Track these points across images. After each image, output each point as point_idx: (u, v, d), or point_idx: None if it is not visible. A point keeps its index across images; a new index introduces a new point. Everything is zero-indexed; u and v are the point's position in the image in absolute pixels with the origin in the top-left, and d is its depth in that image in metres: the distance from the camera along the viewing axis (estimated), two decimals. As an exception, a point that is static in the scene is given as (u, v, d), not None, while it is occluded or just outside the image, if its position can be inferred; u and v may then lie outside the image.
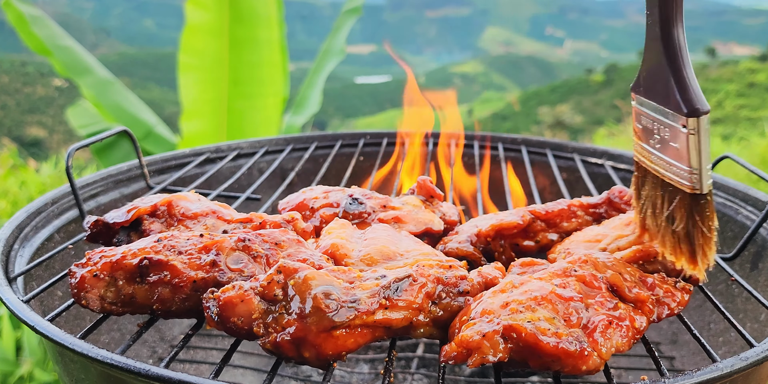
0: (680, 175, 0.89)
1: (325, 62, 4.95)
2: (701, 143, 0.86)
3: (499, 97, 57.52)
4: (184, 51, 4.23)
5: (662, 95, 0.88)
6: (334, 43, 4.97)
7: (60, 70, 4.24)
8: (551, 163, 1.85)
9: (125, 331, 1.57)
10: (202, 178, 1.64)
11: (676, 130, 0.87)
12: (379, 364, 1.74)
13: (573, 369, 0.77)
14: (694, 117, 0.84)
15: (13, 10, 4.04)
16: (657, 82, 0.89)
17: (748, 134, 8.60)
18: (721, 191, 1.56)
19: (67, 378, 1.01)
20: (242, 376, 1.69)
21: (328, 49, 4.98)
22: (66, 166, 1.28)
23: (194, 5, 4.16)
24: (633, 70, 38.50)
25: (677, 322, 1.68)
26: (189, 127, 4.31)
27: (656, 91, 0.90)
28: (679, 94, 0.85)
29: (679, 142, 0.87)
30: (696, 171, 0.87)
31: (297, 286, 0.80)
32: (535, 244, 1.21)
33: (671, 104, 0.87)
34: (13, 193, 3.98)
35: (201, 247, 0.92)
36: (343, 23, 5.00)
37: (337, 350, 0.80)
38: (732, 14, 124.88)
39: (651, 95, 0.91)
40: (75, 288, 0.90)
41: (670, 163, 0.90)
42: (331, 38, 5.01)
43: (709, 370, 0.79)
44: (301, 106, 4.90)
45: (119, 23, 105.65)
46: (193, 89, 4.29)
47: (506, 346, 0.78)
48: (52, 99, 29.44)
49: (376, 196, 1.27)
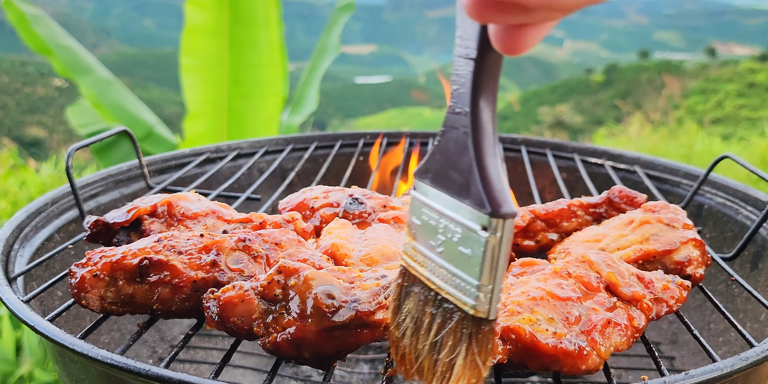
0: (464, 290, 0.66)
1: (320, 60, 4.95)
2: (501, 254, 0.64)
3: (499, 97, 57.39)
4: (184, 52, 4.24)
5: (459, 186, 0.66)
6: (328, 40, 4.97)
7: (60, 69, 4.24)
8: (551, 163, 1.85)
9: (125, 331, 1.57)
10: (202, 178, 1.64)
11: (470, 232, 0.64)
12: (379, 364, 1.74)
13: (572, 369, 0.77)
14: (498, 218, 0.62)
15: (13, 9, 4.04)
16: (455, 170, 0.67)
17: (748, 134, 8.61)
18: (721, 191, 1.56)
19: (67, 378, 1.01)
20: (242, 376, 1.69)
21: (323, 46, 4.98)
22: (66, 166, 1.28)
23: (194, 6, 4.16)
24: (633, 70, 38.52)
25: (677, 322, 1.68)
26: (191, 129, 4.32)
27: (451, 180, 0.67)
28: (483, 187, 0.63)
29: (471, 248, 0.65)
30: (487, 288, 0.64)
31: (297, 286, 0.80)
32: (535, 243, 1.21)
33: (471, 198, 0.64)
34: (13, 193, 3.98)
35: (201, 247, 0.92)
36: (336, 20, 5.00)
37: (337, 350, 0.80)
38: (732, 14, 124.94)
39: (443, 185, 0.68)
40: (75, 288, 0.90)
41: (453, 273, 0.67)
42: (326, 36, 5.01)
43: (709, 370, 0.80)
44: (299, 105, 4.90)
45: (119, 23, 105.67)
46: (195, 90, 4.29)
47: (505, 347, 0.78)
48: (52, 99, 29.44)
49: (376, 196, 1.27)
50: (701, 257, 1.07)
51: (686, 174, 1.68)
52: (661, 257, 1.05)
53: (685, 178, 1.68)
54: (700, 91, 29.06)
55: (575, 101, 36.08)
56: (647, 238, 1.09)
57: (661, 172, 1.74)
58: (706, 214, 1.57)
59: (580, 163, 1.84)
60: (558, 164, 1.89)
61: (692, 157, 5.79)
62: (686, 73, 33.21)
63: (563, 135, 19.35)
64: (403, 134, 2.03)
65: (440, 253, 0.69)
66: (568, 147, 1.95)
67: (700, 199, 1.59)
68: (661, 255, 1.05)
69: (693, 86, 29.73)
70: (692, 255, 1.06)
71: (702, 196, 1.59)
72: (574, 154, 1.91)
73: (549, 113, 28.33)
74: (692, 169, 1.68)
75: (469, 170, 0.65)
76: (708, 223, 1.56)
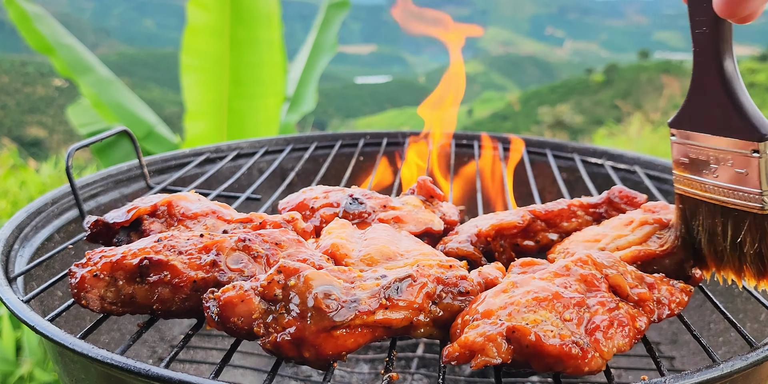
0: (749, 198, 0.90)
1: (316, 59, 4.94)
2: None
3: (499, 97, 57.52)
4: (186, 52, 4.23)
5: (721, 126, 0.90)
6: (323, 38, 4.96)
7: (60, 69, 4.24)
8: (551, 163, 1.85)
9: (125, 331, 1.57)
10: (202, 178, 1.64)
11: (742, 156, 0.89)
12: (379, 364, 1.74)
13: (575, 370, 0.77)
14: (764, 141, 0.87)
15: (15, 7, 4.04)
16: (712, 114, 0.91)
17: (748, 134, 8.59)
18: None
19: (67, 378, 1.01)
20: (242, 376, 1.69)
21: (319, 44, 4.97)
22: (66, 166, 1.28)
23: (196, 6, 4.16)
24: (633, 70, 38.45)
25: (677, 322, 1.68)
26: (192, 128, 4.32)
27: (712, 122, 0.91)
28: (744, 121, 0.88)
29: (747, 168, 0.89)
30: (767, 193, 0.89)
31: (297, 286, 0.80)
32: (535, 244, 1.21)
33: (736, 132, 0.89)
34: (13, 193, 3.98)
35: (201, 247, 0.92)
36: (331, 18, 4.98)
37: (337, 350, 0.79)
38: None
39: (705, 128, 0.93)
40: (75, 288, 0.90)
41: (733, 189, 0.91)
42: (320, 33, 4.99)
43: (709, 370, 0.80)
44: (296, 104, 4.89)
45: (119, 23, 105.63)
46: (195, 90, 4.29)
47: (509, 347, 0.78)
48: (52, 99, 29.43)
49: (376, 196, 1.27)
50: (701, 257, 1.07)
51: (686, 174, 1.68)
52: (661, 258, 1.05)
53: (685, 178, 1.68)
54: (700, 91, 28.98)
55: (575, 101, 36.07)
56: (647, 239, 1.08)
57: (661, 172, 1.73)
58: (706, 214, 1.57)
59: (580, 163, 1.84)
60: (558, 164, 1.89)
61: (692, 157, 5.78)
62: (686, 73, 33.18)
63: (563, 135, 19.35)
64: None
65: (716, 177, 0.93)
66: (568, 147, 1.95)
67: (700, 199, 1.59)
68: (660, 255, 1.05)
69: (693, 86, 29.65)
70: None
71: (702, 196, 1.59)
72: (574, 154, 1.91)
73: (549, 113, 28.31)
74: (692, 169, 1.68)
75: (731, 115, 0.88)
76: (708, 223, 1.56)
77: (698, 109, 0.93)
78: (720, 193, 0.93)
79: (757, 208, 0.89)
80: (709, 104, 0.91)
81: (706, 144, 0.93)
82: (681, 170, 0.99)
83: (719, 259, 0.97)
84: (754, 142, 0.87)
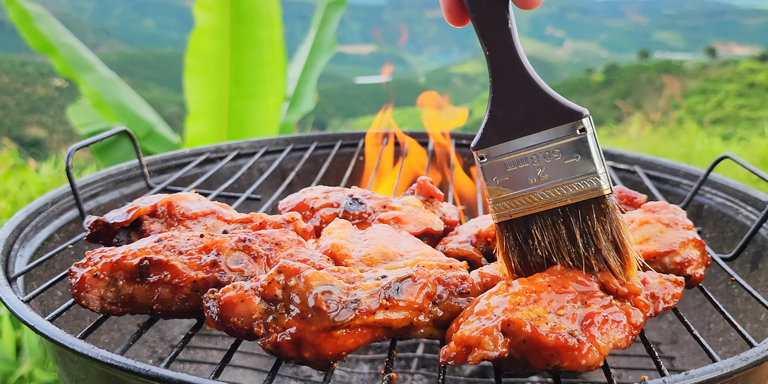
0: (590, 183, 0.85)
1: (315, 58, 4.93)
2: (597, 142, 0.85)
3: (499, 97, 57.18)
4: (191, 54, 4.23)
5: (537, 121, 0.86)
6: (322, 37, 4.95)
7: (61, 68, 4.24)
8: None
9: (125, 331, 1.57)
10: (202, 178, 1.64)
11: (570, 141, 0.85)
12: (379, 364, 1.74)
13: (572, 363, 0.77)
14: (586, 117, 0.84)
15: (16, 6, 4.04)
16: (523, 115, 0.87)
17: (748, 134, 8.61)
18: (721, 191, 1.56)
19: (67, 378, 1.01)
20: (242, 376, 1.69)
21: (317, 44, 4.97)
22: (66, 166, 1.28)
23: (201, 7, 4.16)
24: (633, 70, 38.46)
25: (677, 322, 1.68)
26: (193, 129, 4.32)
27: (525, 123, 0.87)
28: (559, 107, 0.85)
29: (578, 151, 0.85)
30: (602, 170, 0.85)
31: (297, 286, 0.80)
32: (535, 244, 1.21)
33: (555, 121, 0.85)
34: (13, 193, 3.98)
35: (201, 248, 0.92)
36: (329, 16, 4.98)
37: (337, 350, 0.80)
38: (732, 14, 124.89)
39: (519, 132, 0.87)
40: (75, 288, 0.90)
41: (569, 181, 0.86)
42: (319, 32, 4.99)
43: (709, 370, 0.80)
44: (296, 104, 4.89)
45: (119, 23, 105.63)
46: (197, 91, 4.29)
47: (505, 340, 0.78)
48: (52, 99, 29.42)
49: (376, 197, 1.27)
50: (701, 257, 1.08)
51: (686, 174, 1.68)
52: (661, 258, 1.06)
53: (685, 178, 1.68)
54: (700, 91, 29.05)
55: (575, 101, 35.94)
56: (647, 239, 1.09)
57: (661, 172, 1.74)
58: (706, 214, 1.57)
59: (580, 163, 1.83)
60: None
61: (692, 157, 5.79)
62: (686, 73, 33.19)
63: (563, 135, 19.31)
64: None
65: (546, 178, 0.87)
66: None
67: (700, 199, 1.59)
68: (661, 255, 1.06)
69: (693, 86, 29.72)
70: (692, 255, 1.06)
71: (702, 196, 1.59)
72: (574, 154, 1.90)
73: (549, 113, 28.25)
74: (692, 169, 1.68)
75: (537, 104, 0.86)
76: (708, 223, 1.56)
77: (505, 117, 0.87)
78: (555, 193, 0.87)
79: (598, 191, 0.85)
80: (517, 107, 0.87)
81: (525, 146, 0.87)
82: (499, 193, 0.90)
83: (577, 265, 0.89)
84: (578, 121, 0.84)
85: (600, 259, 0.88)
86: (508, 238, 0.92)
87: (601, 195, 0.85)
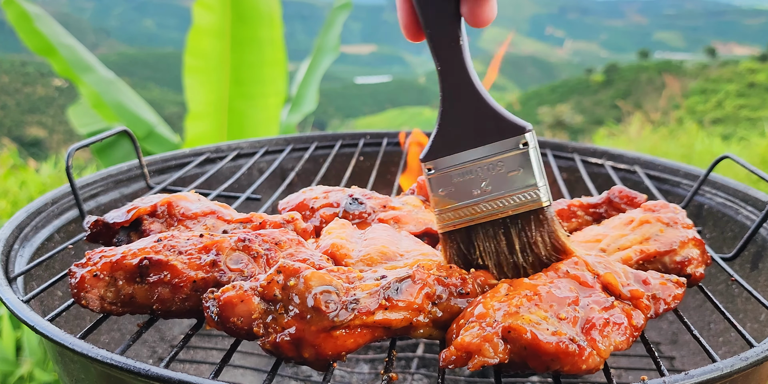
0: (530, 195, 0.89)
1: (319, 60, 4.94)
2: (539, 156, 0.89)
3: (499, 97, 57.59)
4: (190, 53, 4.23)
5: (483, 135, 0.90)
6: (327, 40, 4.96)
7: (60, 69, 4.24)
8: (551, 163, 1.85)
9: (125, 331, 1.57)
10: (202, 178, 1.64)
11: (513, 154, 0.89)
12: (379, 364, 1.74)
13: (572, 368, 0.77)
14: (529, 132, 0.88)
15: (15, 7, 4.03)
16: (470, 129, 0.90)
17: (748, 134, 8.61)
18: (721, 191, 1.56)
19: (67, 378, 1.01)
20: (242, 376, 1.69)
21: (321, 46, 4.97)
22: (66, 166, 1.28)
23: (201, 7, 4.15)
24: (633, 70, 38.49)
25: (677, 322, 1.68)
26: (193, 129, 4.31)
27: (472, 136, 0.90)
28: (504, 122, 0.89)
29: (520, 164, 0.89)
30: (543, 183, 0.89)
31: (297, 286, 0.80)
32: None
33: (500, 134, 0.89)
34: (13, 193, 3.98)
35: (201, 247, 0.92)
36: (334, 19, 4.99)
37: (337, 350, 0.80)
38: (732, 14, 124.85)
39: (466, 145, 0.91)
40: (75, 288, 0.90)
41: (511, 193, 0.90)
42: (324, 35, 5.00)
43: (709, 370, 0.79)
44: (298, 105, 4.89)
45: (119, 23, 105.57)
46: (198, 91, 4.29)
47: (506, 347, 0.78)
48: (52, 99, 29.43)
49: (376, 196, 1.27)
50: (701, 256, 1.07)
51: (686, 174, 1.68)
52: (662, 257, 1.05)
53: (685, 178, 1.68)
54: (700, 91, 29.05)
55: (575, 101, 36.07)
56: (647, 238, 1.09)
57: (661, 172, 1.74)
58: (706, 214, 1.57)
59: (580, 163, 1.84)
60: (558, 164, 1.89)
61: (692, 157, 5.79)
62: (686, 73, 33.20)
63: (563, 135, 19.34)
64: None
65: (489, 190, 0.90)
66: (568, 147, 1.95)
67: (700, 199, 1.59)
68: (661, 255, 1.05)
69: (693, 86, 29.72)
70: (692, 254, 1.06)
71: (702, 196, 1.59)
72: (574, 154, 1.91)
73: (549, 113, 28.31)
74: (692, 169, 1.68)
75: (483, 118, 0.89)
76: (708, 223, 1.56)
77: (453, 131, 0.91)
78: (497, 205, 0.91)
79: (537, 203, 0.89)
80: (465, 120, 0.90)
81: (471, 159, 0.91)
82: (444, 204, 0.93)
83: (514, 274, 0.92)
84: (521, 135, 0.88)
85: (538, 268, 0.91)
86: (452, 248, 0.95)
87: (540, 207, 0.89)
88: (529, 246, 0.91)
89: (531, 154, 0.88)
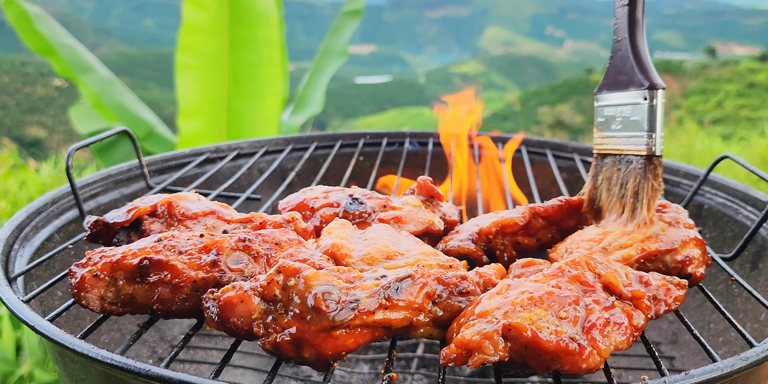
0: (639, 143, 1.09)
1: (325, 63, 4.93)
2: (658, 112, 1.07)
3: (499, 97, 57.54)
4: (181, 50, 4.22)
5: (626, 83, 1.11)
6: (334, 43, 4.96)
7: (60, 69, 4.23)
8: (551, 163, 1.85)
9: (125, 331, 1.57)
10: (202, 178, 1.64)
11: (637, 104, 1.09)
12: (379, 364, 1.74)
13: (573, 367, 0.77)
14: (653, 90, 1.07)
15: (15, 7, 4.03)
16: (621, 75, 1.12)
17: (748, 134, 8.60)
18: (721, 191, 1.56)
19: (67, 378, 1.01)
20: (242, 376, 1.69)
21: (328, 49, 4.97)
22: (66, 166, 1.28)
23: (192, 5, 4.15)
24: (633, 70, 38.50)
25: (677, 322, 1.68)
26: (187, 127, 4.31)
27: (620, 82, 1.12)
28: (641, 74, 1.09)
29: (639, 114, 1.09)
30: (653, 134, 1.08)
31: (297, 286, 0.80)
32: (536, 241, 1.21)
33: (634, 84, 1.09)
34: (13, 193, 3.98)
35: (201, 247, 0.92)
36: (344, 24, 4.98)
37: (337, 350, 0.79)
38: (732, 14, 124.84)
39: (615, 88, 1.14)
40: (75, 288, 0.90)
41: (630, 137, 1.11)
42: (331, 39, 4.99)
43: (709, 370, 0.79)
44: (301, 106, 4.89)
45: (119, 23, 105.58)
46: (192, 89, 4.28)
47: (506, 345, 0.78)
48: (52, 99, 29.43)
49: (376, 196, 1.27)
50: (702, 256, 1.07)
51: (686, 174, 1.68)
52: (663, 256, 1.05)
53: (685, 178, 1.68)
54: (700, 91, 29.04)
55: (575, 101, 36.05)
56: (649, 237, 1.09)
57: (661, 172, 1.73)
58: (706, 214, 1.57)
59: (580, 163, 1.84)
60: (558, 164, 1.89)
61: (692, 157, 5.79)
62: (686, 73, 33.18)
63: (563, 135, 19.32)
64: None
65: (619, 129, 1.14)
66: (568, 147, 1.95)
67: (700, 199, 1.59)
68: (662, 253, 1.05)
69: (693, 86, 29.71)
70: (693, 254, 1.06)
71: (702, 196, 1.59)
72: (574, 154, 1.91)
73: (549, 113, 28.32)
74: (692, 169, 1.68)
75: (632, 70, 1.10)
76: (708, 223, 1.56)
77: (613, 73, 1.14)
78: (621, 143, 1.13)
79: (644, 150, 1.08)
80: (620, 69, 1.12)
81: (617, 101, 1.14)
82: (598, 130, 1.19)
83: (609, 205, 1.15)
84: (644, 90, 1.08)
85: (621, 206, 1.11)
86: (595, 167, 1.20)
87: (647, 154, 1.08)
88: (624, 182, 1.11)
89: (650, 107, 1.07)
